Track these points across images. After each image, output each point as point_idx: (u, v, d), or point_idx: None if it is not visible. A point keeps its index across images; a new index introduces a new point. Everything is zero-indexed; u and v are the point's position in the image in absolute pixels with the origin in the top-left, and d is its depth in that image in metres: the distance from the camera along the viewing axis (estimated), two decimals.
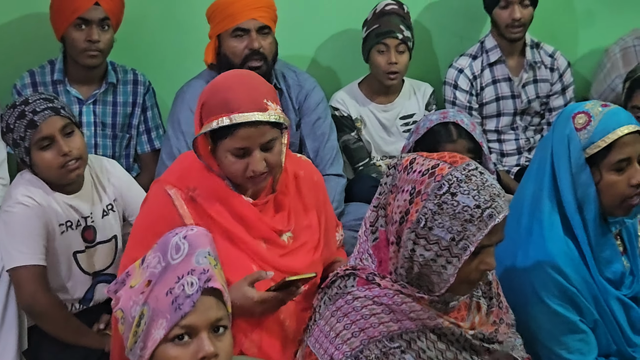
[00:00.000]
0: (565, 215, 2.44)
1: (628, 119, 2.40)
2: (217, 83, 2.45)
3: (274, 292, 2.31)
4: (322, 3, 3.87)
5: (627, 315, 2.51)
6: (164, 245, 1.83)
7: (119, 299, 1.86)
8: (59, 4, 3.39)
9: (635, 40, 3.85)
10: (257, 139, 2.35)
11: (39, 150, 2.77)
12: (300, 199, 2.59)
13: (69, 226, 2.90)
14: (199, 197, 2.44)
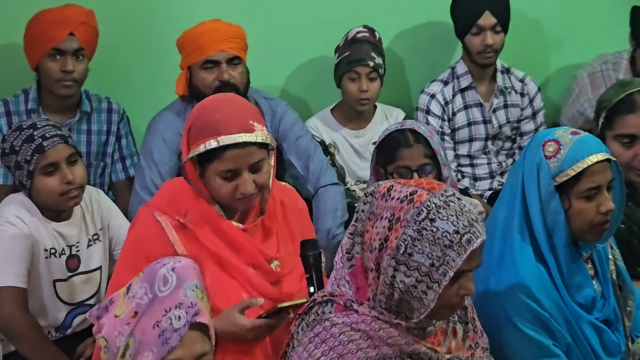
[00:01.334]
0: (536, 241, 2.47)
1: (598, 147, 2.43)
2: (203, 107, 2.44)
3: (265, 319, 2.31)
4: (294, 30, 3.89)
5: (599, 339, 2.53)
6: (150, 276, 1.83)
7: (102, 326, 1.86)
8: (34, 34, 3.40)
9: (602, 65, 3.90)
10: (245, 160, 2.34)
11: (42, 175, 2.79)
12: (286, 226, 2.59)
13: (52, 253, 2.91)
14: (190, 222, 2.43)
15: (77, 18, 3.40)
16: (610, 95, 2.91)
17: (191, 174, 2.43)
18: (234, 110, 2.38)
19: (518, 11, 3.79)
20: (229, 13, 3.53)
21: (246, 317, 2.29)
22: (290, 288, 2.48)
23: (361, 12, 3.83)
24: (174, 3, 3.77)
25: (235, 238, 2.43)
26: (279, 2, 3.86)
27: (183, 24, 3.54)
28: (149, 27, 3.79)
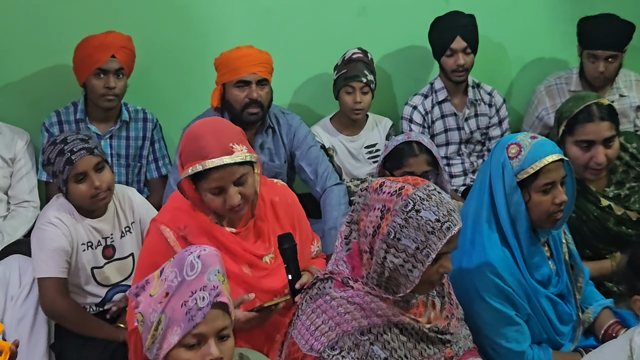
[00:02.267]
0: (502, 228, 2.47)
1: (552, 149, 2.45)
2: (190, 133, 2.41)
3: (256, 313, 2.31)
4: (301, 52, 3.87)
5: (554, 310, 2.55)
6: (180, 262, 1.85)
7: (139, 303, 1.87)
8: (82, 56, 3.39)
9: (556, 80, 3.89)
10: (228, 178, 2.33)
11: (74, 182, 2.78)
12: (277, 222, 2.56)
13: (89, 245, 2.91)
14: (189, 234, 2.42)
15: (118, 43, 3.39)
16: (570, 106, 2.89)
17: (187, 189, 2.42)
18: (216, 136, 2.35)
19: (485, 36, 3.78)
20: (250, 39, 3.51)
21: (241, 311, 2.28)
22: (283, 279, 2.44)
23: (356, 36, 3.81)
24: (197, 30, 3.75)
25: (228, 244, 2.43)
26: (289, 30, 3.83)
27: (208, 46, 3.58)
28: (177, 49, 3.76)
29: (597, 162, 2.84)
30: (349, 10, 3.89)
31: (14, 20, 3.56)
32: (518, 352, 2.46)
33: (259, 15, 3.78)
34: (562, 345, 2.57)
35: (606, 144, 2.85)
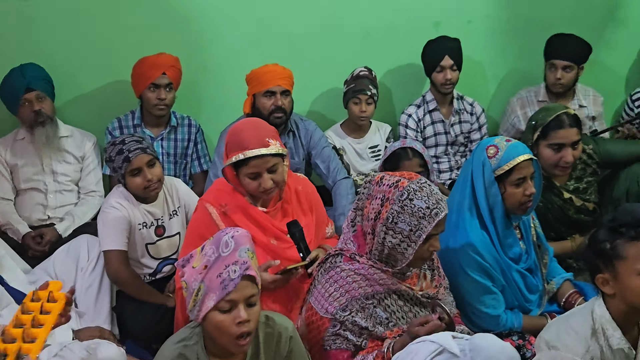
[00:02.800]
0: (481, 215, 2.49)
1: (524, 149, 2.47)
2: (235, 128, 2.46)
3: (280, 275, 2.35)
4: (317, 69, 3.87)
5: (524, 282, 2.57)
6: (217, 241, 1.87)
7: (184, 273, 1.89)
8: (138, 74, 3.42)
9: (527, 93, 3.89)
10: (263, 166, 2.37)
11: (131, 176, 2.81)
12: (300, 206, 2.60)
13: (144, 226, 2.93)
14: (229, 211, 2.46)
15: (168, 62, 3.42)
16: (543, 116, 2.91)
17: (229, 175, 2.45)
18: (256, 132, 2.39)
19: (468, 56, 3.78)
20: (275, 58, 3.51)
21: (268, 274, 2.33)
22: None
23: (362, 57, 3.81)
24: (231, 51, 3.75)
25: (260, 220, 2.47)
26: (307, 51, 3.84)
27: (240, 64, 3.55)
28: (215, 67, 3.77)
29: (567, 161, 2.87)
30: (356, 35, 3.90)
31: (84, 45, 3.58)
32: (494, 315, 2.48)
33: (283, 38, 3.78)
34: (530, 310, 2.59)
35: (573, 146, 2.87)
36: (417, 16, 3.90)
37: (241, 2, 3.69)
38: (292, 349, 2.00)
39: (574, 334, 1.91)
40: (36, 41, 3.52)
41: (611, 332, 1.89)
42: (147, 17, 3.61)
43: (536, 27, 3.98)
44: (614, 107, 4.28)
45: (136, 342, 2.86)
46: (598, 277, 1.90)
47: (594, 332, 1.90)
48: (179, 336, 1.95)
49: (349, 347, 2.13)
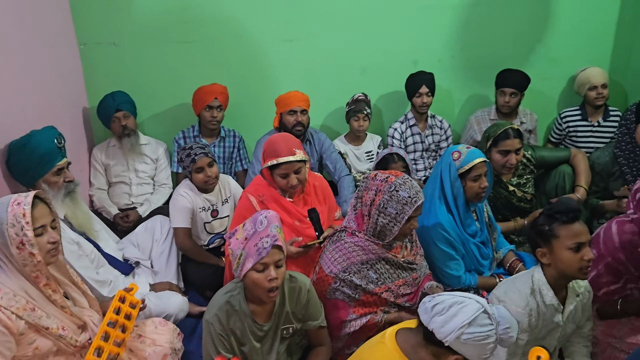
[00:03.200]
0: (447, 202, 2.50)
1: (480, 154, 2.48)
2: (270, 140, 2.47)
3: (302, 249, 2.36)
4: (326, 94, 3.85)
5: (479, 251, 2.58)
6: (254, 219, 1.88)
7: (231, 243, 1.90)
8: (197, 98, 3.43)
9: (481, 113, 3.84)
10: (291, 169, 2.38)
11: (195, 173, 2.81)
12: (316, 197, 2.61)
13: (203, 209, 2.94)
14: (265, 200, 2.47)
15: (219, 90, 3.42)
16: (494, 129, 2.90)
17: (266, 174, 2.47)
18: (285, 144, 2.40)
19: (439, 85, 3.77)
20: (296, 86, 3.53)
21: (293, 247, 2.33)
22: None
23: (360, 86, 3.81)
24: (265, 81, 3.75)
25: (288, 207, 2.47)
26: (320, 81, 3.82)
27: (271, 91, 3.57)
28: (253, 92, 3.77)
29: (511, 163, 2.86)
30: (356, 70, 3.89)
31: (158, 77, 3.61)
32: (457, 276, 2.48)
33: (302, 72, 3.78)
34: (483, 272, 2.60)
35: (516, 152, 2.87)
36: (400, 56, 3.88)
37: (271, 47, 3.69)
38: (309, 299, 2.02)
39: (518, 292, 1.93)
40: (123, 74, 3.56)
41: (545, 292, 1.90)
42: (204, 57, 3.62)
43: (489, 64, 3.95)
44: (546, 124, 4.26)
45: (195, 292, 2.88)
46: (538, 250, 1.92)
47: (532, 291, 1.91)
48: (226, 288, 1.98)
49: (344, 299, 2.14)
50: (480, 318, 1.48)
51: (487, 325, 1.48)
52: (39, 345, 1.75)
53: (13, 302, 1.69)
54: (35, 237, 1.75)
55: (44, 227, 1.79)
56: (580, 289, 2.01)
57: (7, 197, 1.77)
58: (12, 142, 2.38)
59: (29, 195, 1.76)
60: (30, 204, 1.74)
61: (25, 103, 2.64)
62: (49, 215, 1.83)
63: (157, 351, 2.06)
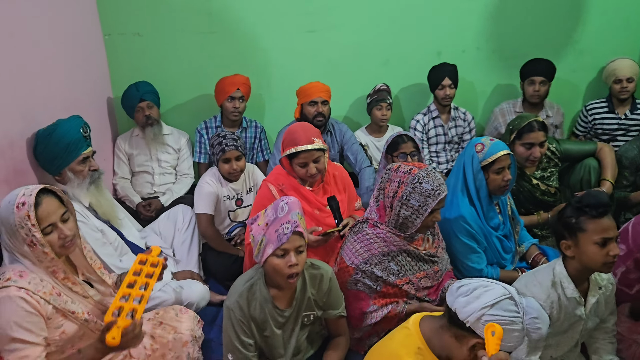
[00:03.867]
0: (470, 195, 2.47)
1: (503, 146, 2.44)
2: (289, 129, 2.46)
3: (321, 237, 2.37)
4: (348, 85, 3.84)
5: (501, 245, 2.56)
6: (275, 206, 1.88)
7: (252, 229, 1.90)
8: (219, 89, 3.44)
9: (506, 105, 3.79)
10: (310, 158, 2.38)
11: (222, 162, 2.83)
12: (336, 187, 2.60)
13: (228, 198, 2.95)
14: (285, 189, 2.47)
15: (241, 80, 3.42)
16: (518, 122, 2.86)
17: (285, 163, 2.47)
18: (304, 133, 2.39)
19: (462, 77, 3.73)
20: (317, 77, 3.51)
21: (313, 236, 2.35)
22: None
23: (382, 76, 3.78)
24: (286, 72, 3.75)
25: (307, 196, 2.47)
26: (341, 72, 3.80)
27: (292, 81, 3.55)
28: (275, 84, 3.77)
29: (535, 156, 2.82)
30: (378, 62, 3.86)
31: (181, 68, 3.63)
32: (478, 269, 2.46)
33: (324, 63, 3.77)
34: (505, 266, 2.58)
35: (541, 145, 2.82)
36: (424, 47, 3.84)
37: (294, 38, 3.68)
38: (331, 287, 2.03)
39: (538, 285, 1.91)
40: (147, 64, 3.59)
41: (567, 285, 1.88)
42: (227, 47, 3.63)
43: (514, 56, 3.89)
44: (571, 116, 4.18)
45: (215, 281, 2.90)
46: (562, 242, 1.90)
47: (553, 284, 1.89)
48: (247, 275, 1.99)
49: (365, 290, 2.14)
50: (505, 303, 1.46)
51: (512, 312, 1.45)
52: (65, 329, 1.78)
53: (40, 287, 1.71)
54: (45, 235, 1.71)
55: (53, 225, 1.73)
56: (602, 282, 1.98)
57: (13, 194, 1.70)
58: (39, 131, 2.42)
59: (32, 193, 1.69)
60: (33, 205, 1.67)
61: (52, 93, 2.69)
62: (57, 209, 1.75)
63: (178, 338, 2.08)
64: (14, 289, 1.66)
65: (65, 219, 1.77)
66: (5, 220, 1.69)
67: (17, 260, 1.72)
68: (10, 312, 1.63)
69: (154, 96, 3.40)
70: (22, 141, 2.38)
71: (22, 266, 1.71)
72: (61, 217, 1.75)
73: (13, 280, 1.67)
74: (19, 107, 2.37)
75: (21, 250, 1.71)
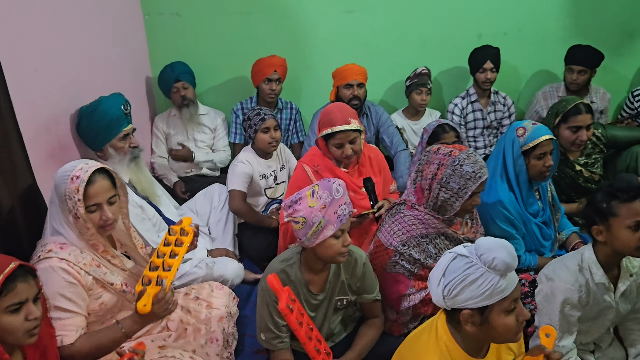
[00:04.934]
0: (510, 180, 2.42)
1: (546, 131, 2.37)
2: (325, 110, 2.45)
3: (356, 219, 2.37)
4: (385, 67, 3.79)
5: (540, 232, 2.50)
6: (328, 188, 1.83)
7: (298, 211, 1.81)
8: (256, 70, 3.43)
9: (549, 88, 3.70)
10: (346, 139, 2.36)
11: (262, 133, 2.83)
12: (371, 169, 2.58)
13: (263, 177, 2.96)
14: (320, 170, 2.47)
15: (278, 62, 3.41)
16: (564, 105, 2.77)
17: (321, 144, 2.46)
18: (341, 113, 2.37)
19: (503, 60, 3.62)
20: (353, 59, 3.47)
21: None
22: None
23: (420, 59, 3.72)
24: (323, 54, 3.73)
25: (342, 177, 2.46)
26: (379, 54, 3.77)
27: (328, 64, 3.52)
28: (311, 66, 3.76)
29: (582, 140, 2.73)
30: (416, 44, 3.80)
31: (218, 48, 3.66)
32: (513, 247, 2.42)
33: (361, 44, 3.74)
34: (544, 253, 2.52)
35: (587, 128, 2.73)
36: (464, 29, 3.76)
37: (331, 18, 3.65)
38: (365, 272, 2.02)
39: (566, 269, 1.91)
40: (184, 45, 3.62)
41: (595, 270, 1.88)
42: (264, 29, 3.63)
43: (559, 39, 3.77)
44: (617, 102, 4.02)
45: (251, 261, 2.93)
46: (594, 227, 1.89)
47: (580, 269, 1.89)
48: (283, 256, 1.99)
49: (403, 272, 2.12)
50: (452, 265, 1.43)
51: (462, 266, 1.41)
52: (104, 300, 1.82)
53: (80, 259, 1.76)
54: (88, 213, 1.74)
55: (99, 205, 1.76)
56: (634, 269, 1.95)
57: (72, 165, 1.76)
58: (82, 107, 2.48)
59: (89, 170, 1.73)
60: (85, 181, 1.71)
61: (94, 71, 2.74)
62: (108, 191, 1.78)
63: (214, 314, 2.12)
64: (56, 260, 1.71)
65: (112, 202, 1.80)
66: (57, 187, 1.75)
67: (59, 232, 1.77)
68: (53, 282, 1.69)
69: (189, 76, 3.43)
70: (66, 117, 2.44)
71: (63, 238, 1.76)
72: (108, 200, 1.78)
73: (54, 252, 1.73)
74: (64, 84, 2.43)
75: (67, 219, 1.76)
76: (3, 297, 1.35)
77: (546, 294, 1.91)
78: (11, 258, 1.40)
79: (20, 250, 1.81)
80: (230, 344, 2.18)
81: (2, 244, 1.77)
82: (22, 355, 1.49)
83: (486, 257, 1.39)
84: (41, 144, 2.20)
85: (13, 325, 1.38)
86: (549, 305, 1.90)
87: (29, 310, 1.40)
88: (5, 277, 1.34)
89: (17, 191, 1.87)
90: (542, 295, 1.93)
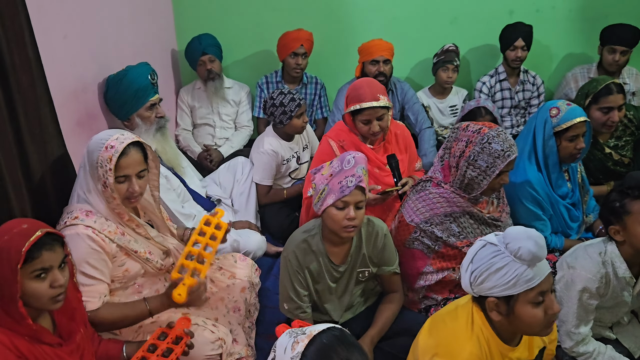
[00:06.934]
0: (538, 161, 2.37)
1: (581, 112, 2.31)
2: (354, 85, 2.42)
3: (380, 196, 2.34)
4: (412, 44, 3.72)
5: (568, 213, 2.46)
6: (342, 158, 1.87)
7: (315, 178, 1.90)
8: (282, 44, 3.40)
9: (580, 69, 3.58)
10: (374, 115, 2.33)
11: (296, 118, 2.80)
12: (397, 146, 2.55)
13: (287, 160, 2.95)
14: (345, 145, 2.45)
15: (305, 36, 3.38)
16: (594, 85, 2.69)
17: (348, 119, 2.44)
18: (370, 89, 2.34)
19: (536, 39, 3.51)
20: (380, 34, 3.41)
21: (372, 194, 2.32)
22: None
23: (449, 36, 3.63)
24: (349, 29, 3.67)
25: (368, 153, 2.44)
26: (406, 30, 3.70)
27: (354, 39, 3.47)
28: (337, 41, 3.71)
29: (613, 121, 2.66)
30: (446, 19, 3.71)
31: (244, 21, 3.63)
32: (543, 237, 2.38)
33: (388, 20, 3.66)
34: (570, 235, 2.48)
35: (619, 109, 2.65)
36: (495, 5, 3.65)
37: None
38: (385, 244, 2.01)
39: (589, 259, 1.88)
40: (210, 17, 3.60)
41: (618, 265, 1.86)
42: (291, 2, 3.58)
43: (593, 17, 3.64)
44: None
45: (272, 237, 2.94)
46: (610, 228, 1.86)
47: (603, 263, 1.87)
48: (305, 227, 2.00)
49: (422, 249, 2.11)
50: (481, 252, 1.42)
51: (489, 254, 1.39)
52: (128, 267, 1.85)
53: (105, 226, 1.78)
54: (116, 184, 1.75)
55: (128, 177, 1.77)
56: None
57: (108, 134, 1.77)
58: (110, 76, 2.48)
59: (124, 142, 1.74)
60: (119, 152, 1.72)
61: (121, 40, 2.74)
62: (139, 164, 1.79)
63: (237, 284, 2.14)
64: (82, 227, 1.73)
65: (141, 176, 1.81)
66: (90, 154, 1.77)
67: (85, 199, 1.79)
68: (79, 248, 1.71)
69: (216, 49, 3.41)
70: (94, 86, 2.45)
71: (88, 206, 1.78)
72: (138, 173, 1.79)
73: (80, 219, 1.75)
74: (91, 53, 2.43)
75: (95, 186, 1.78)
76: (29, 263, 1.36)
77: (567, 282, 1.90)
78: (40, 224, 1.41)
79: (49, 215, 1.83)
80: (252, 314, 2.21)
81: (32, 208, 1.79)
82: (50, 318, 1.51)
83: (512, 246, 1.37)
84: (70, 112, 2.21)
85: (38, 291, 1.39)
86: (568, 292, 1.89)
87: (54, 277, 1.41)
88: (32, 245, 1.35)
89: (47, 157, 1.90)
90: (563, 283, 1.91)
